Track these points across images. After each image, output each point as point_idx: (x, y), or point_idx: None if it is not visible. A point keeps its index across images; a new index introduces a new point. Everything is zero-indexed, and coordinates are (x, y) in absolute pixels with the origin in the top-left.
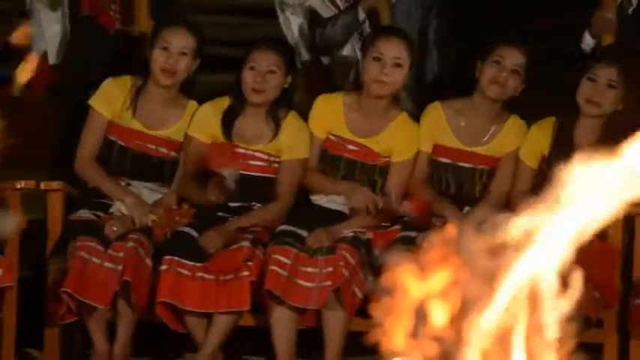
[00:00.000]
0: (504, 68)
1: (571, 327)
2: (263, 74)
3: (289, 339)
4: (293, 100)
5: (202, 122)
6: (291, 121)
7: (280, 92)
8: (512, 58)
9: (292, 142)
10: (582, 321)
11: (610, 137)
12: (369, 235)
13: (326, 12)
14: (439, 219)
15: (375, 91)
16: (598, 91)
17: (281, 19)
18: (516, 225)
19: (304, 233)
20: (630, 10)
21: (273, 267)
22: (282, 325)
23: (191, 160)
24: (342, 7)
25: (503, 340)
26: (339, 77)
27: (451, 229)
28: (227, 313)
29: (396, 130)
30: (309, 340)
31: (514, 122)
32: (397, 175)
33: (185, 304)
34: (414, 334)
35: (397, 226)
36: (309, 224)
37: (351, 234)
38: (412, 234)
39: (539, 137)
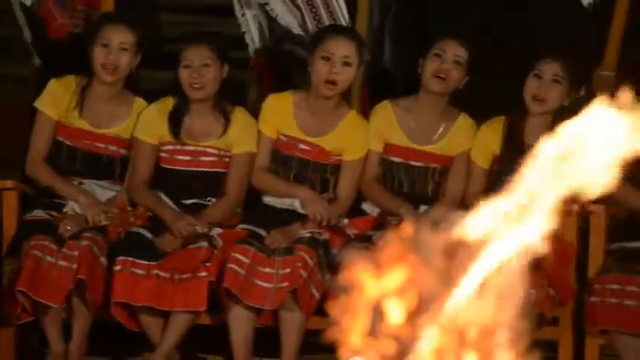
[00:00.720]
0: (445, 60)
1: (526, 324)
2: (198, 69)
3: (246, 338)
4: (247, 97)
5: (148, 124)
6: (239, 117)
7: (220, 84)
8: (453, 49)
9: (241, 136)
10: (537, 318)
11: None
12: (326, 235)
13: (288, 16)
14: (395, 217)
15: (324, 91)
16: (544, 86)
17: (239, 17)
18: (471, 224)
19: (262, 232)
20: (586, 2)
21: (232, 265)
22: (240, 324)
23: (139, 163)
24: (303, 8)
25: (458, 337)
26: (298, 76)
27: (407, 228)
28: (184, 312)
29: (346, 129)
30: (267, 339)
31: (464, 121)
32: (349, 173)
33: (139, 302)
34: (371, 332)
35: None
36: (267, 224)
37: (309, 234)
38: (369, 232)
39: (489, 137)
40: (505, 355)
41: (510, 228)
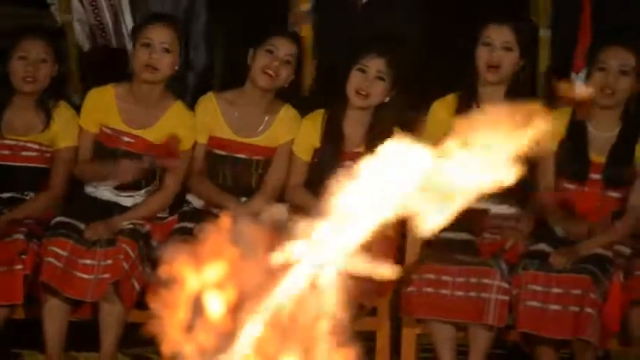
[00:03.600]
0: (277, 58)
1: (346, 315)
2: (34, 63)
3: (60, 331)
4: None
5: None
6: (61, 111)
7: (50, 81)
8: (285, 48)
9: (63, 131)
10: (357, 310)
11: (378, 129)
12: (148, 226)
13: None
14: (219, 210)
15: (145, 76)
16: (367, 81)
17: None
18: (293, 218)
19: (81, 225)
20: None
21: (48, 259)
22: (54, 317)
23: None
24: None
25: (280, 330)
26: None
27: (226, 220)
28: None
29: (170, 120)
30: (84, 332)
31: (286, 113)
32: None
33: None
34: (191, 326)
35: (175, 217)
36: (86, 216)
37: (130, 226)
38: (189, 225)
39: (310, 130)
40: (325, 346)
41: (331, 226)
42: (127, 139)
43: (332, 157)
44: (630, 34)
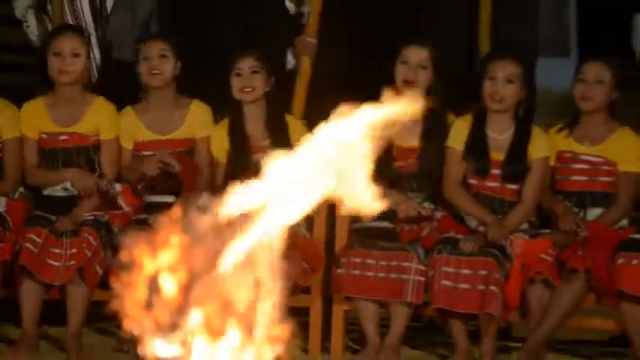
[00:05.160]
0: (150, 59)
1: (282, 293)
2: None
3: (35, 308)
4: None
5: None
6: (2, 107)
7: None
8: (153, 50)
9: (7, 125)
10: (292, 288)
11: (273, 121)
12: (107, 216)
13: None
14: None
15: (60, 80)
16: (245, 79)
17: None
18: (233, 206)
19: (52, 217)
20: None
21: (26, 244)
22: (29, 296)
23: None
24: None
25: (224, 307)
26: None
27: (177, 212)
28: None
29: (95, 113)
30: (55, 309)
31: (197, 107)
32: (107, 152)
33: None
34: (148, 304)
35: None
36: (54, 210)
37: (92, 217)
38: (143, 216)
39: (221, 131)
40: (264, 320)
41: (268, 210)
42: (62, 137)
43: (242, 156)
44: (516, 49)
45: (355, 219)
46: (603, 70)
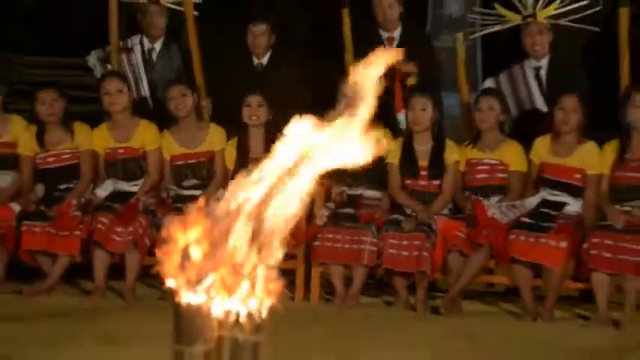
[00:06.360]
0: (174, 99)
1: (275, 259)
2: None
3: (104, 269)
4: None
5: None
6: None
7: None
8: (176, 91)
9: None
10: (283, 255)
11: (270, 138)
12: (154, 205)
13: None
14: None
15: (112, 110)
16: (254, 110)
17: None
18: (233, 196)
19: (114, 205)
20: None
21: (98, 225)
22: (100, 261)
23: None
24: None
25: (235, 270)
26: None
27: (201, 202)
28: (65, 256)
29: (143, 131)
30: (118, 270)
31: (214, 128)
32: (152, 159)
33: (37, 248)
34: (181, 266)
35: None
36: (116, 201)
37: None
38: (178, 205)
39: (230, 150)
40: (263, 279)
41: (264, 192)
42: (120, 150)
43: (242, 163)
44: (429, 88)
45: (328, 199)
46: (492, 101)
